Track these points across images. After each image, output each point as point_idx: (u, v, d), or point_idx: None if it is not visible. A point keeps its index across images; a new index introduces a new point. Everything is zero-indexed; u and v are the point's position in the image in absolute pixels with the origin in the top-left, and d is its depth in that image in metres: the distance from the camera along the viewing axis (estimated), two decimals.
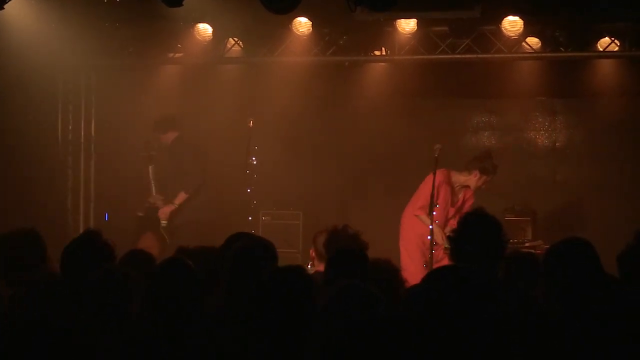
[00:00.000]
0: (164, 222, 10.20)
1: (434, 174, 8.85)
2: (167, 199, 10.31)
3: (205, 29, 10.20)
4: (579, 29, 9.51)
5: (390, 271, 5.04)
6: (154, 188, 10.39)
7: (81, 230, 10.73)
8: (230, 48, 10.56)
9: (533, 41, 9.85)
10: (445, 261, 8.82)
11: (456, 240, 4.81)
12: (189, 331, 4.01)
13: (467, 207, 9.29)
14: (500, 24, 9.54)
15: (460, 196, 9.48)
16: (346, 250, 5.18)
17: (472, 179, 9.36)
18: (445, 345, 2.66)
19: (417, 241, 9.31)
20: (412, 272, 8.67)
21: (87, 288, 4.27)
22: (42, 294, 4.43)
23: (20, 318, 3.60)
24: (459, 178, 9.40)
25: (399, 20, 9.68)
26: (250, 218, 10.21)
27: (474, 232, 4.75)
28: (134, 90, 10.87)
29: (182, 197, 10.20)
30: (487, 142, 11.18)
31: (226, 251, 4.94)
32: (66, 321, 3.17)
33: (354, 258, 5.00)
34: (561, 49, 9.73)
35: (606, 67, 10.29)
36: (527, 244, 9.40)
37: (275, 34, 10.22)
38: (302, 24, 9.90)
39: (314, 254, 6.40)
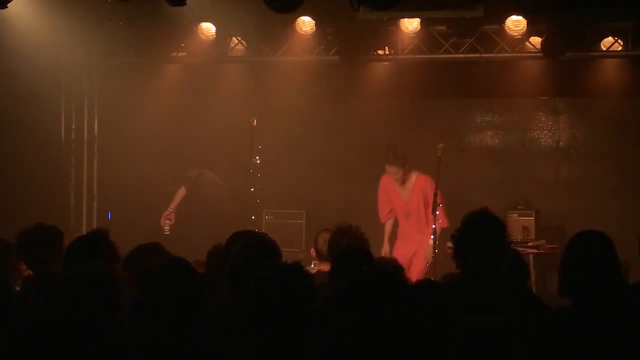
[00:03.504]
0: (166, 230, 9.87)
1: (437, 174, 8.85)
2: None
3: (208, 28, 10.20)
4: (582, 29, 9.50)
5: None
6: None
7: (84, 229, 10.78)
8: (234, 47, 10.55)
9: (536, 40, 9.83)
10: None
11: (460, 241, 4.79)
12: (189, 331, 4.00)
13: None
14: (504, 24, 9.54)
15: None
16: (350, 251, 5.17)
17: None
18: (445, 345, 2.66)
19: None
20: None
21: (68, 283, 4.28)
22: (43, 293, 4.43)
23: (22, 317, 3.61)
24: None
25: (402, 19, 9.68)
26: (253, 217, 10.22)
27: (479, 233, 4.73)
28: (137, 89, 10.87)
29: (179, 195, 10.07)
30: (490, 141, 11.16)
31: (228, 250, 4.93)
32: (65, 320, 3.16)
33: (358, 258, 4.99)
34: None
35: (609, 67, 10.28)
36: (530, 243, 9.42)
37: (279, 33, 10.23)
38: (305, 23, 9.90)
39: (314, 253, 6.40)
